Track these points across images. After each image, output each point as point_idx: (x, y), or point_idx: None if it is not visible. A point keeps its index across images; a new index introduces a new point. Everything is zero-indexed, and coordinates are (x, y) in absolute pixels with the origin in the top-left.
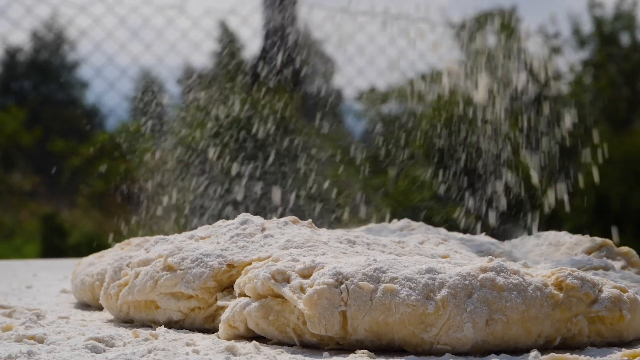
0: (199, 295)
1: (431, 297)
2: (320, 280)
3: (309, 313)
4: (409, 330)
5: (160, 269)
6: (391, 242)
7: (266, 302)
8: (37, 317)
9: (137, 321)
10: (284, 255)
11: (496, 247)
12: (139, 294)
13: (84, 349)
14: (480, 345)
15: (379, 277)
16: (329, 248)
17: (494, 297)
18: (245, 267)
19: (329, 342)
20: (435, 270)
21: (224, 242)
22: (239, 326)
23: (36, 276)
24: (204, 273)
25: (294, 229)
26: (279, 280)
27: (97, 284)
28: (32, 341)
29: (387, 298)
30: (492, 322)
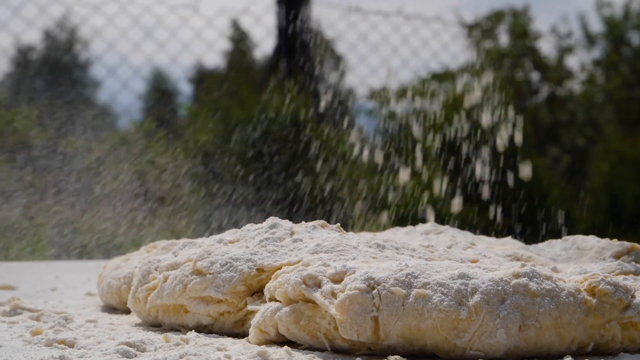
0: (229, 299)
1: (464, 302)
2: (352, 285)
3: (341, 318)
4: (441, 336)
5: (189, 273)
6: (420, 247)
7: (297, 307)
8: (65, 321)
9: (165, 325)
10: (314, 259)
11: (524, 251)
12: (167, 298)
13: (116, 353)
14: (513, 351)
15: (411, 283)
16: (359, 252)
17: (527, 302)
18: (275, 271)
19: (361, 347)
20: (467, 275)
21: (253, 246)
22: (270, 331)
23: (59, 278)
24: (234, 277)
25: (322, 233)
26: (310, 285)
27: (124, 288)
28: (62, 345)
29: (420, 303)
30: (525, 328)
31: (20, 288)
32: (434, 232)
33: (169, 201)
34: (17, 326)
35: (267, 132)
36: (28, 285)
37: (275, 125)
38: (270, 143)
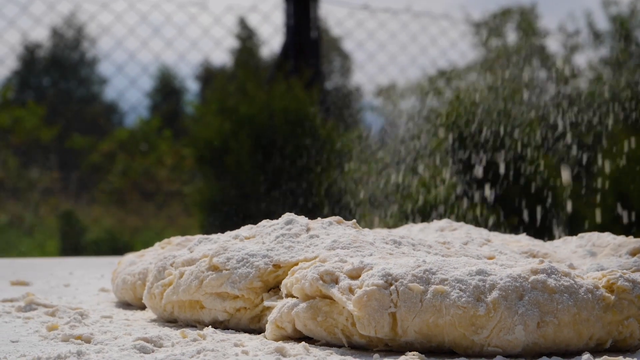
0: (245, 295)
1: (482, 299)
2: (370, 281)
3: (359, 314)
4: (459, 332)
5: (205, 268)
6: (436, 243)
7: (314, 303)
8: (81, 317)
9: (181, 321)
10: (331, 255)
11: (539, 248)
12: (183, 293)
13: (133, 349)
14: (531, 347)
15: (429, 279)
16: (376, 249)
17: (545, 299)
18: (291, 267)
19: (378, 343)
20: (485, 272)
21: (269, 242)
22: (287, 327)
23: (72, 274)
24: (250, 273)
25: (338, 229)
26: (327, 281)
27: (139, 283)
28: (78, 341)
29: (438, 300)
30: (543, 325)
31: (34, 284)
32: (448, 228)
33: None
34: (33, 322)
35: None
36: (41, 281)
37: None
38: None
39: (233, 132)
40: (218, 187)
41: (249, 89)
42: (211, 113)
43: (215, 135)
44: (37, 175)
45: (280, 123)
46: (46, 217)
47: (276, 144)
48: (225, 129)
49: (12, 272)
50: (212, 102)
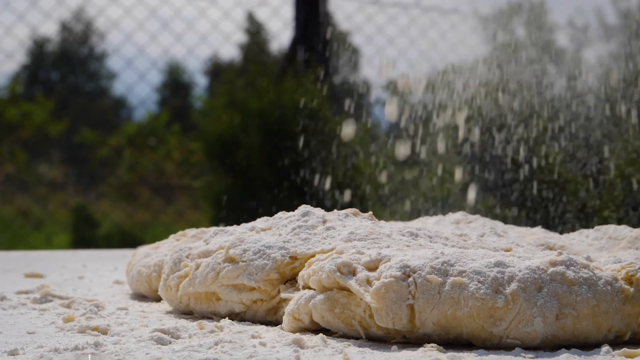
0: (262, 287)
1: (500, 290)
2: (388, 273)
3: (376, 306)
4: (477, 324)
5: (221, 260)
6: (453, 235)
7: (332, 295)
8: (96, 308)
9: (197, 313)
10: (348, 247)
11: (555, 240)
12: (200, 285)
13: (150, 340)
14: (550, 339)
15: (447, 271)
16: (393, 241)
17: (564, 291)
18: (308, 259)
19: (396, 335)
20: (504, 263)
21: (285, 234)
22: (304, 319)
23: (86, 267)
24: (267, 265)
25: (355, 221)
26: (344, 272)
27: (154, 275)
28: (95, 332)
29: (456, 291)
30: (562, 317)
31: (48, 276)
32: (464, 221)
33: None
34: (49, 313)
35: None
36: (55, 273)
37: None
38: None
39: (242, 127)
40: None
41: (258, 83)
42: (220, 107)
43: (224, 130)
44: (46, 170)
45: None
46: (55, 212)
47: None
48: (234, 124)
49: (25, 264)
50: (221, 96)
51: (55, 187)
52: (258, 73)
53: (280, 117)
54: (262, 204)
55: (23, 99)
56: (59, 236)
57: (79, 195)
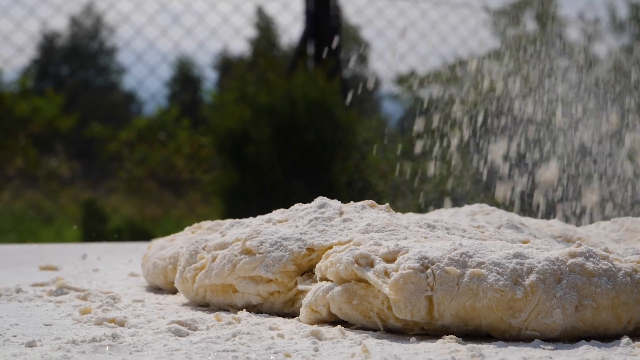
0: (279, 279)
1: (519, 282)
2: (406, 264)
3: (395, 298)
4: (496, 316)
5: (238, 252)
6: (470, 227)
7: (349, 287)
8: (113, 300)
9: (213, 305)
10: (366, 239)
11: (573, 232)
12: (216, 277)
13: (167, 332)
14: (569, 331)
15: (466, 262)
16: (410, 232)
17: (584, 282)
18: (325, 251)
19: (414, 327)
20: (523, 255)
21: (302, 225)
22: (322, 310)
23: (100, 259)
24: (284, 257)
25: (372, 213)
26: (362, 264)
27: (169, 268)
28: (112, 324)
29: (475, 283)
30: (581, 308)
31: (63, 269)
32: (480, 213)
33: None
34: (65, 305)
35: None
36: (70, 266)
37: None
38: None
39: (253, 121)
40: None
41: (269, 77)
42: (230, 102)
43: (235, 124)
44: (56, 164)
45: (300, 112)
46: (65, 206)
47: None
48: (245, 118)
49: (39, 257)
50: (231, 91)
51: (66, 182)
52: (268, 68)
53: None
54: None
55: (33, 94)
56: (70, 231)
57: (89, 190)
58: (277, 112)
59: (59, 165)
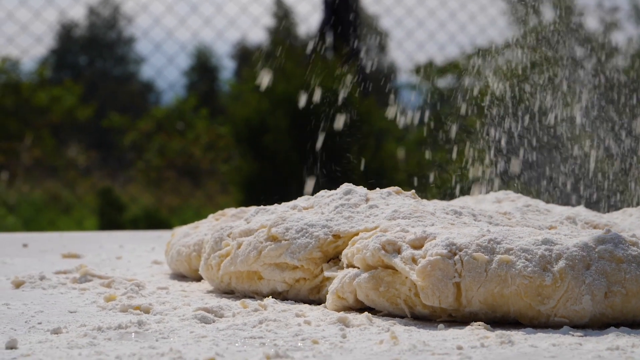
0: (305, 266)
1: (548, 268)
2: (433, 251)
3: (422, 284)
4: (525, 303)
5: (263, 239)
6: (496, 214)
7: (376, 273)
8: (137, 288)
9: (238, 292)
10: (392, 225)
11: (599, 219)
12: (241, 264)
13: (193, 319)
14: (598, 318)
15: (494, 248)
16: (437, 219)
17: (613, 269)
18: (351, 237)
19: (442, 314)
20: (551, 241)
21: (328, 212)
22: (348, 297)
23: (123, 247)
24: (310, 243)
25: (397, 199)
26: (389, 251)
27: (194, 255)
28: (137, 311)
29: (503, 269)
30: (611, 295)
31: (85, 257)
32: (506, 199)
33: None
34: (89, 293)
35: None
36: (92, 254)
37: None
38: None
39: (271, 111)
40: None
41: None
42: (248, 91)
43: (252, 114)
44: (74, 154)
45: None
46: (84, 196)
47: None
48: (263, 108)
49: (61, 245)
50: (249, 80)
51: (84, 172)
52: (287, 57)
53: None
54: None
55: (51, 84)
56: (89, 220)
57: (107, 180)
58: (294, 102)
59: (77, 155)
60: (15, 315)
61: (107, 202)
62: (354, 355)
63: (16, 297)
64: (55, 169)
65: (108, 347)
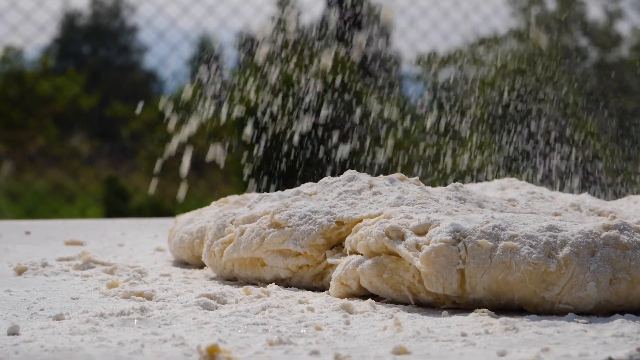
0: (308, 252)
1: (553, 255)
2: (438, 237)
3: (426, 271)
4: (529, 289)
5: (266, 226)
6: (501, 200)
7: (380, 260)
8: (140, 274)
9: (241, 279)
10: (396, 212)
11: (603, 206)
12: (244, 251)
13: (196, 305)
14: (603, 305)
15: (498, 235)
16: (441, 205)
17: (618, 255)
18: (355, 224)
19: (446, 301)
20: (556, 227)
21: (331, 199)
22: (352, 284)
23: (125, 235)
24: (313, 230)
25: (401, 186)
26: (393, 237)
27: (196, 242)
28: (140, 298)
29: (507, 256)
30: (616, 281)
31: (88, 244)
32: (510, 186)
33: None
34: (92, 279)
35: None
36: (95, 241)
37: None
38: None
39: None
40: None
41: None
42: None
43: None
44: (78, 143)
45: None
46: (87, 185)
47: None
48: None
49: (64, 232)
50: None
51: (87, 161)
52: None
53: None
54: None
55: (55, 73)
56: (92, 209)
57: (111, 169)
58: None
59: (81, 144)
60: (18, 301)
61: (112, 191)
62: (358, 342)
63: (18, 283)
64: (59, 158)
65: (110, 334)
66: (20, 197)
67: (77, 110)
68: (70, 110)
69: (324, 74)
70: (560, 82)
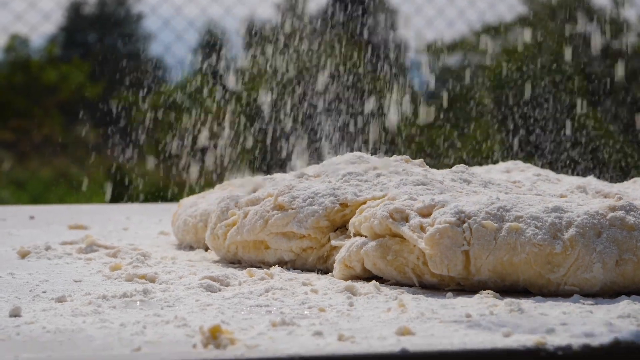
0: (312, 234)
1: (558, 236)
2: (442, 218)
3: (431, 252)
4: (535, 271)
5: (270, 208)
6: (506, 182)
7: (384, 242)
8: (143, 257)
9: (245, 262)
10: (401, 193)
11: (609, 188)
12: (248, 234)
13: (199, 287)
14: (609, 286)
15: (503, 216)
16: (445, 187)
17: (624, 236)
18: (359, 206)
19: (450, 282)
20: (562, 209)
21: (335, 180)
22: (356, 266)
23: (130, 219)
24: (317, 212)
25: (406, 167)
26: (397, 219)
27: (200, 225)
28: (143, 280)
29: (512, 237)
30: (622, 263)
31: (92, 228)
32: (515, 169)
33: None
34: (95, 262)
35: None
36: (99, 225)
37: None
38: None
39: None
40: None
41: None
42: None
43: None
44: (83, 132)
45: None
46: (92, 173)
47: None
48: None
49: (69, 216)
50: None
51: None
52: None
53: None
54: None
55: (60, 61)
56: (97, 196)
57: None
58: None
59: (86, 133)
60: (20, 284)
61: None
62: (361, 323)
63: (21, 266)
64: (65, 146)
65: (112, 315)
66: (25, 185)
67: (82, 98)
68: (76, 99)
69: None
70: (565, 69)
